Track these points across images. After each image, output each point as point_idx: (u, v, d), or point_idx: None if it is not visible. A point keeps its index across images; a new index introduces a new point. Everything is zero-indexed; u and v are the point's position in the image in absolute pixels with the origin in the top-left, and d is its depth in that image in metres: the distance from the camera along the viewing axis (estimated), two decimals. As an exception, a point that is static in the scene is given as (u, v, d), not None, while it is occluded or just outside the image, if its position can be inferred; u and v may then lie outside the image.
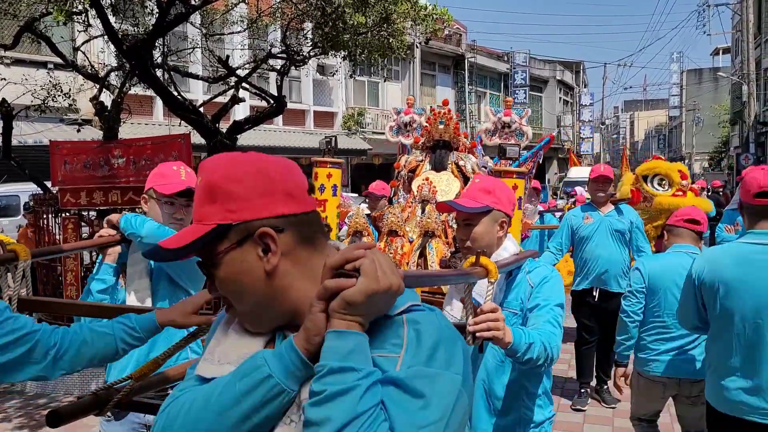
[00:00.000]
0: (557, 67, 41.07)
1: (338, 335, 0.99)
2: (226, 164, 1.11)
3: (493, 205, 2.38)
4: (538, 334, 2.12)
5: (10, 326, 1.70)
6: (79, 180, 6.48)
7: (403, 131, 4.37)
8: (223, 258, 1.10)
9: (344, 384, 0.95)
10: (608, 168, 5.52)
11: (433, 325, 1.07)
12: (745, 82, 29.08)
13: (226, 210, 1.08)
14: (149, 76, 6.26)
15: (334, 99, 25.77)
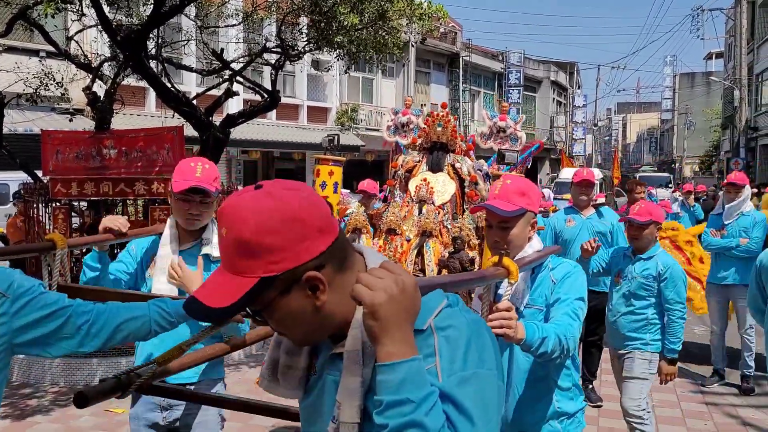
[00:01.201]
0: (551, 67, 41.16)
1: (388, 368, 1.04)
2: (254, 217, 1.09)
3: (527, 207, 2.43)
4: (554, 328, 2.19)
5: (42, 301, 1.76)
6: (71, 170, 6.45)
7: (400, 131, 4.40)
8: (272, 305, 1.13)
9: (403, 416, 1.02)
10: (591, 173, 5.66)
11: (460, 325, 1.15)
12: (737, 87, 29.26)
13: (268, 263, 1.09)
14: (143, 67, 6.23)
15: (328, 94, 25.72)
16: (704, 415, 5.26)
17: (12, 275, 1.77)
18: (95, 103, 6.72)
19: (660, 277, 3.93)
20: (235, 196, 1.14)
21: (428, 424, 1.01)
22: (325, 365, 1.25)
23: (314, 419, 1.27)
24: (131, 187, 6.26)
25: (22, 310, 1.73)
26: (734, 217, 5.96)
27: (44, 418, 5.14)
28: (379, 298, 1.04)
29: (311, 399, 1.28)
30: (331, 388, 1.21)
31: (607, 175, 25.14)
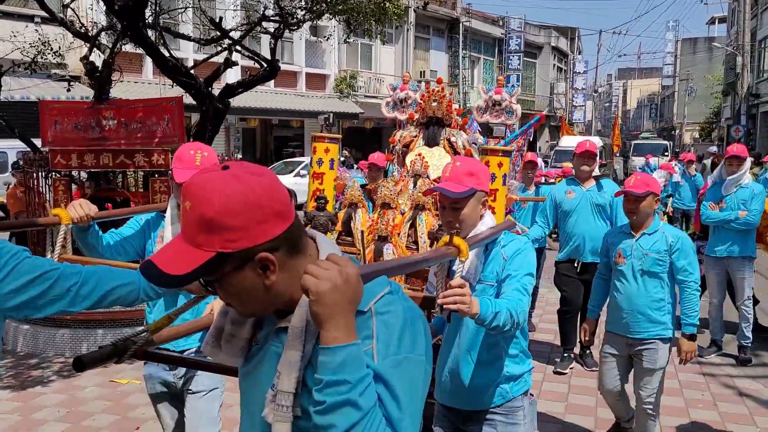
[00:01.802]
0: (552, 33, 40.71)
1: (330, 351, 1.14)
2: (219, 198, 1.17)
3: (477, 187, 2.52)
4: (506, 303, 2.33)
5: (29, 266, 1.85)
6: (70, 141, 6.41)
7: (398, 107, 4.44)
8: (225, 279, 1.22)
9: (340, 395, 1.12)
10: (593, 144, 5.69)
11: (397, 312, 1.26)
12: (740, 54, 28.99)
13: (225, 240, 1.18)
14: (141, 37, 6.15)
15: (326, 61, 25.46)
16: (701, 386, 5.33)
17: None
18: (93, 73, 6.64)
19: (672, 249, 3.73)
20: (202, 174, 1.21)
21: (361, 403, 1.12)
22: (269, 337, 1.34)
23: (253, 386, 1.36)
24: (131, 159, 6.24)
25: (8, 276, 1.81)
26: (733, 190, 5.95)
27: (49, 389, 5.20)
28: (323, 286, 1.14)
29: (251, 367, 1.37)
30: (272, 358, 1.30)
31: (606, 142, 25.07)
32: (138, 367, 5.67)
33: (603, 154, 22.64)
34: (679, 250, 3.72)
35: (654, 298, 3.76)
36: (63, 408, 4.84)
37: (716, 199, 6.09)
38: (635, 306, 3.79)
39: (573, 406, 4.95)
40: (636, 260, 3.80)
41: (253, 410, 1.35)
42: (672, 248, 3.73)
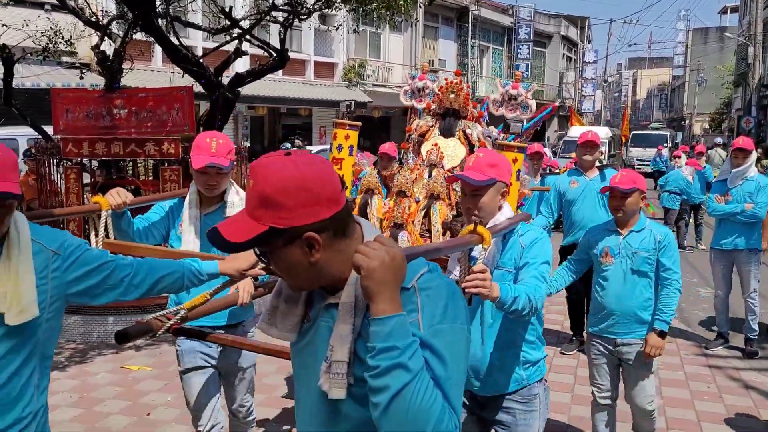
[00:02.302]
0: (562, 22, 40.39)
1: (379, 321, 1.29)
2: (277, 177, 1.33)
3: (497, 177, 2.66)
4: (524, 288, 2.46)
5: (89, 257, 2.05)
6: (81, 130, 6.47)
7: (416, 96, 4.50)
8: (276, 252, 1.38)
9: (391, 359, 1.26)
10: (596, 134, 5.86)
11: (438, 287, 1.41)
12: (752, 44, 28.74)
13: (277, 216, 1.33)
14: (152, 26, 6.17)
15: (335, 50, 25.39)
16: (707, 378, 5.36)
17: (63, 236, 2.04)
18: (104, 62, 6.68)
19: (659, 246, 3.62)
20: (267, 157, 1.38)
21: (411, 366, 1.26)
22: (320, 314, 1.47)
23: (307, 360, 1.50)
24: (142, 148, 6.29)
25: (72, 266, 2.01)
26: (739, 183, 5.97)
27: (61, 374, 5.29)
28: (373, 264, 1.28)
29: (304, 342, 1.51)
30: (324, 333, 1.43)
31: (616, 133, 24.95)
32: (149, 354, 5.75)
33: (612, 144, 22.53)
34: (666, 247, 3.62)
35: (644, 297, 3.65)
36: (75, 393, 4.92)
37: (722, 192, 6.10)
38: (625, 307, 3.65)
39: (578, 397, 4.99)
40: (624, 259, 3.66)
41: (309, 382, 1.48)
42: (659, 245, 3.62)
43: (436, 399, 1.28)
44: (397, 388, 1.25)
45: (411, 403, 1.25)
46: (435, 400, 1.27)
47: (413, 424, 1.26)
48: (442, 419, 1.27)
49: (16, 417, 1.93)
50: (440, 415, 1.27)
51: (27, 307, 1.88)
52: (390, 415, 1.27)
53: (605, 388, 3.76)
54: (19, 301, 1.87)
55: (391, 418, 1.27)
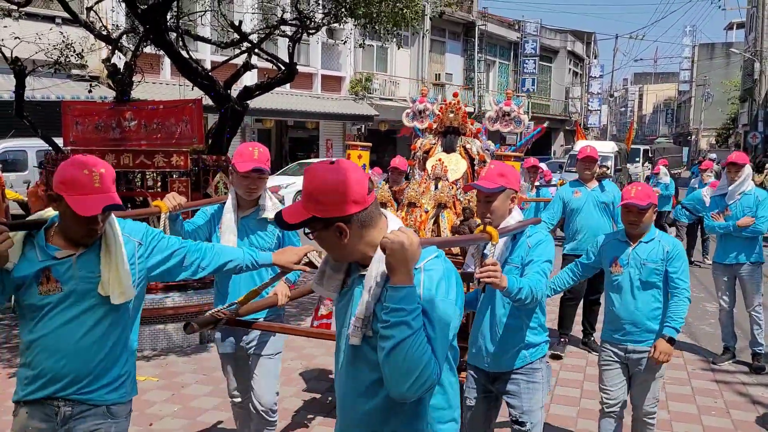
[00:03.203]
0: (568, 37, 40.54)
1: (395, 289, 1.74)
2: (319, 180, 1.82)
3: (506, 185, 3.10)
4: (527, 281, 2.90)
5: (165, 244, 2.55)
6: (91, 141, 6.52)
7: (417, 117, 5.02)
8: (318, 233, 1.87)
9: (398, 317, 1.72)
10: (594, 150, 6.36)
11: (438, 269, 1.86)
12: (758, 60, 28.80)
13: (318, 209, 1.82)
14: (163, 40, 6.25)
15: (342, 63, 25.55)
16: (714, 393, 5.34)
17: (145, 228, 2.52)
18: (115, 75, 6.76)
19: (668, 256, 3.70)
20: (317, 164, 1.88)
21: (412, 324, 1.71)
22: (354, 282, 1.95)
23: (343, 316, 1.99)
24: (151, 159, 6.33)
25: (152, 253, 2.50)
26: (737, 197, 6.02)
27: None
28: (396, 246, 1.72)
29: (342, 302, 2.00)
30: (357, 296, 1.89)
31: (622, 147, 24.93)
32: (156, 364, 5.76)
33: (618, 158, 22.51)
34: (674, 258, 3.69)
35: (652, 307, 3.72)
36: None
37: (721, 206, 6.14)
38: (634, 316, 3.73)
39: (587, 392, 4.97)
40: (633, 270, 3.75)
41: (342, 331, 1.98)
42: (668, 256, 3.70)
43: (426, 351, 1.73)
44: (399, 339, 1.70)
45: (407, 351, 1.70)
46: (425, 352, 1.72)
47: (407, 366, 1.71)
48: (429, 365, 1.73)
49: (117, 374, 2.44)
50: (428, 362, 1.72)
51: (126, 289, 2.35)
52: (391, 358, 1.72)
53: (614, 394, 3.80)
54: (120, 285, 2.33)
55: (392, 360, 1.72)
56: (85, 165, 2.26)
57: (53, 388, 2.34)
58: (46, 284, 2.31)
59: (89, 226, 2.28)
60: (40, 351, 2.34)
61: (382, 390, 1.83)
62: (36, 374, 2.35)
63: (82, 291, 2.32)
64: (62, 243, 2.34)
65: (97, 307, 2.34)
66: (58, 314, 2.32)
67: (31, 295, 2.31)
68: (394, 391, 1.76)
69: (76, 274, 2.32)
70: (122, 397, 2.46)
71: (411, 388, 1.72)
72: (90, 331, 2.34)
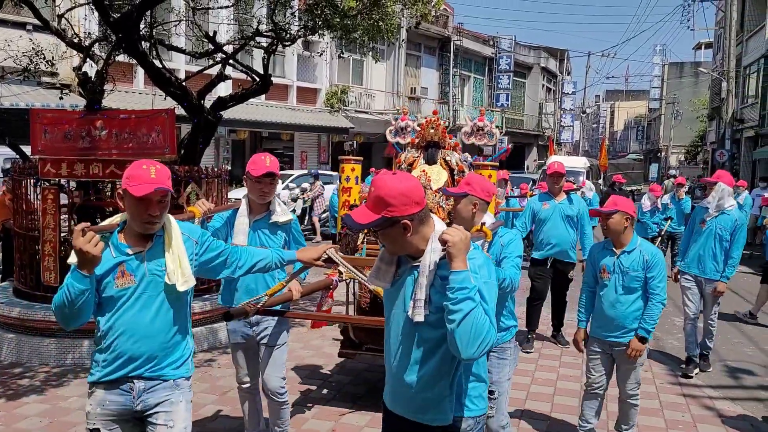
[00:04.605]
0: (542, 54, 41.10)
1: (457, 272, 2.16)
2: (388, 188, 2.23)
3: (469, 192, 3.61)
4: (508, 273, 3.62)
5: (214, 245, 2.95)
6: (60, 150, 6.40)
7: (400, 134, 5.52)
8: (384, 230, 2.27)
9: (463, 294, 2.14)
10: (561, 165, 6.94)
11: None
12: (725, 79, 29.43)
13: (387, 210, 2.22)
14: (136, 50, 6.18)
15: (318, 75, 25.54)
16: (681, 407, 5.40)
17: (200, 229, 2.95)
18: (86, 84, 6.65)
19: (647, 264, 4.19)
20: (383, 174, 2.30)
21: (475, 299, 2.14)
22: (405, 273, 2.36)
23: (396, 300, 2.39)
24: (121, 169, 6.18)
25: (205, 251, 2.90)
26: (715, 214, 6.23)
27: (33, 398, 5.18)
28: (455, 239, 2.16)
29: (394, 290, 2.40)
30: (409, 285, 2.33)
31: (594, 163, 25.29)
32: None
33: (590, 173, 22.84)
34: (653, 265, 4.19)
35: (633, 309, 4.25)
36: (46, 418, 4.81)
37: (701, 219, 6.34)
38: (617, 315, 4.27)
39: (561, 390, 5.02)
40: (618, 276, 4.27)
41: (398, 315, 2.38)
42: (647, 264, 4.20)
43: (486, 319, 2.16)
44: (467, 310, 2.13)
45: (474, 319, 2.12)
46: (486, 319, 2.16)
47: (475, 331, 2.12)
48: (490, 329, 2.16)
49: (181, 353, 2.80)
50: (489, 327, 2.16)
51: (189, 278, 2.72)
52: (461, 327, 2.12)
53: (596, 380, 4.39)
54: (183, 274, 2.69)
55: (462, 328, 2.12)
56: (144, 163, 2.66)
57: (130, 367, 2.68)
58: (121, 278, 2.66)
59: (147, 212, 2.60)
60: (118, 336, 2.67)
61: (433, 359, 2.29)
62: (114, 356, 2.68)
63: (152, 282, 2.68)
64: (132, 241, 2.69)
65: (164, 296, 2.71)
66: (132, 303, 2.67)
67: (110, 289, 2.65)
68: (465, 354, 2.14)
69: (146, 267, 2.67)
70: (186, 372, 2.83)
71: (478, 348, 2.13)
72: (159, 316, 2.70)
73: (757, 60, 28.59)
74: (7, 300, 6.50)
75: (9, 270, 7.24)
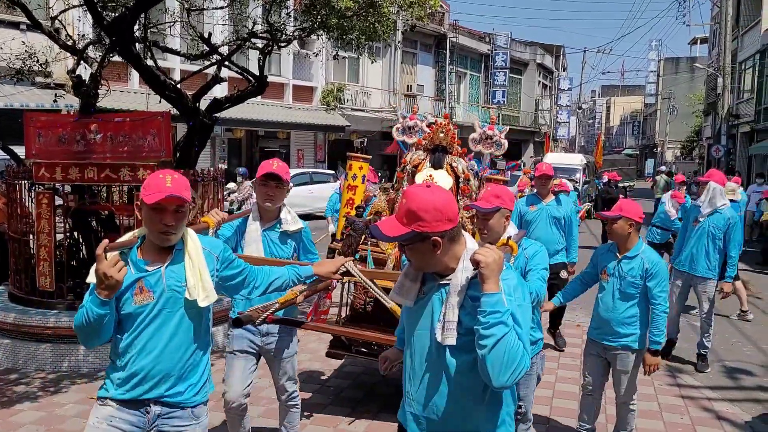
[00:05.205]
0: (538, 50, 41.07)
1: (489, 295, 2.04)
2: (420, 200, 2.13)
3: (501, 205, 3.55)
4: (534, 287, 3.51)
5: (235, 263, 2.85)
6: (54, 154, 6.35)
7: (407, 132, 5.36)
8: (413, 245, 2.17)
9: (496, 318, 2.01)
10: (549, 167, 6.87)
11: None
12: (720, 75, 29.45)
13: (418, 224, 2.12)
14: (130, 53, 6.13)
15: (313, 74, 25.49)
16: (680, 409, 5.40)
17: (222, 245, 2.84)
18: (80, 86, 6.60)
19: (647, 273, 4.12)
20: (416, 187, 2.24)
21: (507, 322, 2.01)
22: (432, 291, 2.23)
23: (419, 320, 2.27)
24: (116, 173, 6.18)
25: (227, 267, 2.80)
26: (707, 212, 6.34)
27: (29, 405, 5.14)
28: (489, 260, 2.05)
29: (417, 308, 2.28)
30: (436, 304, 2.20)
31: (590, 160, 25.26)
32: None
33: (587, 170, 22.78)
34: (653, 275, 4.13)
35: (626, 314, 4.20)
36: (42, 426, 4.78)
37: (694, 218, 6.48)
38: (610, 318, 4.25)
39: None
40: (616, 279, 4.24)
41: (422, 334, 2.26)
42: (647, 273, 4.13)
43: (519, 344, 2.03)
44: (500, 336, 2.00)
45: (507, 345, 2.00)
46: (519, 345, 2.03)
47: (508, 358, 1.99)
48: (524, 355, 2.03)
49: (200, 373, 2.71)
50: (522, 353, 2.03)
51: (210, 293, 2.61)
52: (493, 353, 2.00)
53: (592, 381, 4.40)
54: (204, 289, 2.59)
55: (494, 355, 2.00)
56: (161, 172, 2.59)
57: (146, 386, 2.58)
58: (140, 294, 2.56)
59: (162, 222, 2.52)
60: (135, 354, 2.57)
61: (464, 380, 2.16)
62: (130, 375, 2.58)
63: (171, 298, 2.59)
64: (151, 257, 2.60)
65: (184, 313, 2.61)
66: (151, 321, 2.58)
67: (128, 306, 2.56)
68: (497, 382, 2.02)
69: (166, 283, 2.58)
70: (204, 396, 2.74)
71: (511, 376, 2.01)
72: (179, 333, 2.61)
73: (752, 55, 28.61)
74: (2, 305, 6.45)
75: (4, 274, 7.19)
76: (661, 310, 4.13)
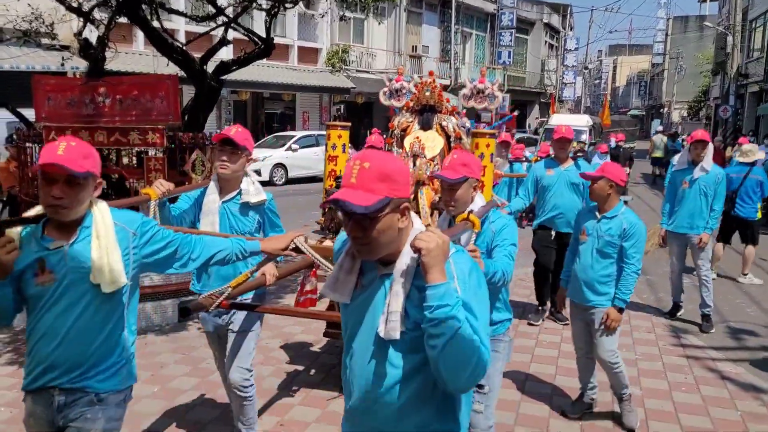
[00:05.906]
0: (544, 9, 40.44)
1: (435, 287, 1.72)
2: (393, 164, 1.84)
3: (469, 174, 3.22)
4: (500, 265, 3.13)
5: (159, 236, 2.53)
6: (63, 117, 6.37)
7: (394, 96, 5.11)
8: (383, 216, 1.80)
9: (445, 313, 1.70)
10: (569, 130, 6.54)
11: (465, 259, 1.88)
12: (730, 33, 29.01)
13: (392, 189, 1.79)
14: (137, 16, 6.10)
15: (318, 35, 25.21)
16: (684, 369, 5.49)
17: (141, 218, 2.53)
18: (87, 49, 6.58)
19: (625, 233, 4.16)
20: (372, 151, 1.89)
21: (459, 317, 1.70)
22: (374, 282, 1.91)
23: (361, 315, 1.92)
24: (126, 137, 6.22)
25: (147, 243, 2.48)
26: (699, 174, 6.46)
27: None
28: (431, 246, 1.73)
29: (357, 303, 1.93)
30: (380, 296, 1.88)
31: (596, 121, 25.09)
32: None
33: (593, 131, 22.62)
34: (630, 236, 4.16)
35: (603, 273, 4.24)
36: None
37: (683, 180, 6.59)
38: (587, 277, 4.29)
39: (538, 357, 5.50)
40: (594, 239, 4.27)
41: (363, 330, 1.92)
42: (626, 233, 4.17)
43: (475, 340, 1.73)
44: (451, 333, 1.70)
45: (461, 343, 1.70)
46: (474, 341, 1.73)
47: (463, 357, 1.72)
48: (481, 352, 1.74)
49: (113, 362, 2.44)
50: (479, 350, 1.74)
51: (117, 278, 2.34)
52: (446, 353, 1.72)
53: (577, 341, 4.50)
54: (110, 273, 2.32)
55: (447, 355, 1.72)
56: (63, 138, 2.32)
57: (49, 376, 2.37)
58: (41, 275, 2.32)
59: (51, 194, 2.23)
60: (38, 340, 2.37)
61: (413, 383, 1.85)
62: (35, 363, 2.39)
63: (75, 280, 2.32)
64: (56, 234, 2.34)
65: (91, 296, 2.34)
66: (54, 304, 2.33)
67: (30, 287, 2.33)
68: (452, 385, 1.79)
69: (69, 263, 2.32)
70: (117, 384, 2.45)
71: (469, 378, 1.77)
72: (84, 319, 2.34)
73: (763, 13, 28.13)
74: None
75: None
76: (633, 270, 4.15)
